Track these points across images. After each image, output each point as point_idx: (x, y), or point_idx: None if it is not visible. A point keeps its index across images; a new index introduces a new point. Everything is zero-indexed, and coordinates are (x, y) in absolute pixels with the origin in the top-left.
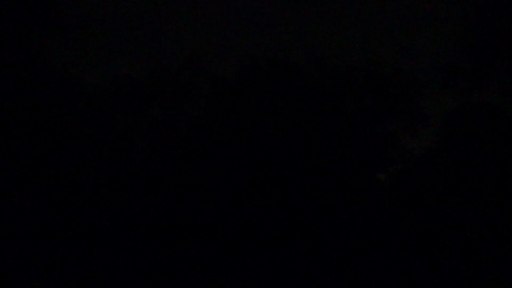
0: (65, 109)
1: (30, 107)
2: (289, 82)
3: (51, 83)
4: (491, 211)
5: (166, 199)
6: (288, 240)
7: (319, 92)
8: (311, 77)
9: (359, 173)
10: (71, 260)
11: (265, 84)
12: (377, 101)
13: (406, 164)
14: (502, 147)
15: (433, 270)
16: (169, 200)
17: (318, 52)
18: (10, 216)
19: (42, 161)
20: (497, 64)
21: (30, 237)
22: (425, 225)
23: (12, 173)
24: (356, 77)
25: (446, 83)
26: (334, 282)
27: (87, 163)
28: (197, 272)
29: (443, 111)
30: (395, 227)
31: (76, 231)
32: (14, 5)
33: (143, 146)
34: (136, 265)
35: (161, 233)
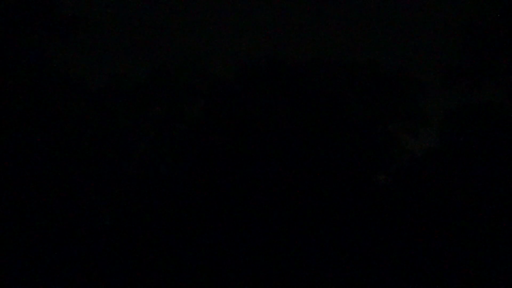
0: (65, 109)
1: (30, 107)
2: (289, 82)
3: (51, 84)
4: (492, 211)
5: (166, 199)
6: (288, 240)
7: (319, 92)
8: (311, 77)
9: (359, 172)
10: (71, 260)
11: (264, 84)
12: (378, 101)
13: (406, 163)
14: (502, 147)
15: (433, 269)
16: (170, 200)
17: (318, 52)
18: (11, 215)
19: (42, 161)
20: (497, 64)
21: (30, 236)
22: (425, 224)
23: (12, 173)
24: (356, 77)
25: (446, 82)
26: (335, 282)
27: (88, 163)
28: (197, 272)
29: (443, 111)
30: (395, 227)
31: (76, 230)
32: (14, 6)
33: (143, 146)
34: (136, 264)
35: (161, 233)
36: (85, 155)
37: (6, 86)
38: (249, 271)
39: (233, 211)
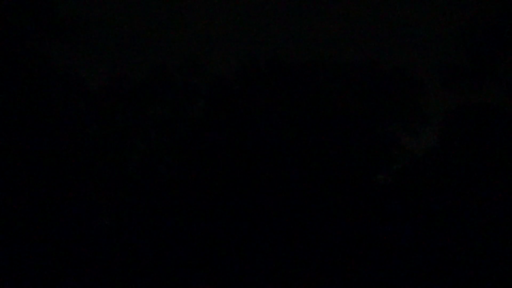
0: (66, 109)
1: (30, 107)
2: (289, 82)
3: (52, 84)
4: (492, 211)
5: (166, 199)
6: (288, 240)
7: (319, 92)
8: (311, 77)
9: (359, 172)
10: (71, 259)
11: (264, 84)
12: (378, 101)
13: (407, 163)
14: (502, 147)
15: (433, 269)
16: (169, 200)
17: (318, 52)
18: (10, 215)
19: (42, 161)
20: (497, 64)
21: (30, 236)
22: (425, 225)
23: (12, 173)
24: (356, 77)
25: (446, 82)
26: (335, 282)
27: (87, 163)
28: (197, 272)
29: (443, 111)
30: (396, 227)
31: (76, 230)
32: (15, 7)
33: (143, 146)
34: (136, 264)
35: (161, 233)
36: (85, 155)
37: (6, 86)
38: (250, 271)
39: (233, 211)
